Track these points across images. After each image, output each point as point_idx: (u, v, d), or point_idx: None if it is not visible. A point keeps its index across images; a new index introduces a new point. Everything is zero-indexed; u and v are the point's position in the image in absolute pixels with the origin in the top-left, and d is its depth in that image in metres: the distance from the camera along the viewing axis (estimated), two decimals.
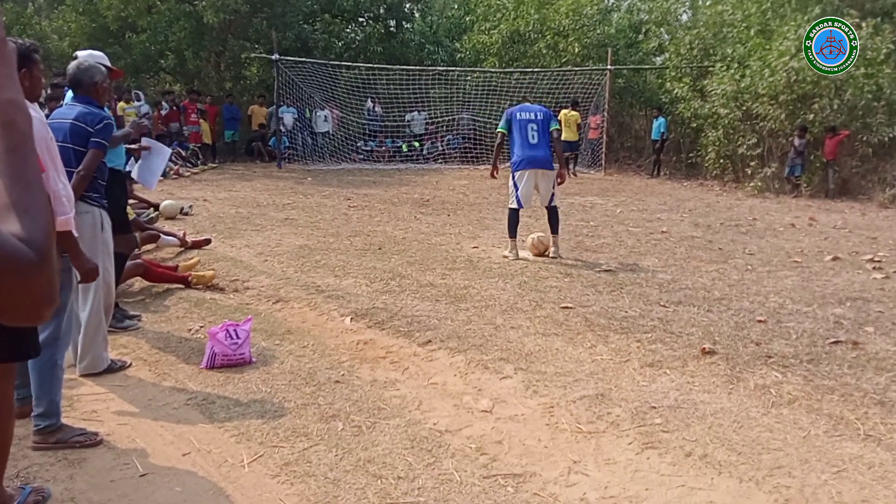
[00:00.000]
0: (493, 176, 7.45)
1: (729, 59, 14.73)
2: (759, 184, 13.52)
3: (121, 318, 4.74)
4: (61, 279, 3.14)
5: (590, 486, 2.83)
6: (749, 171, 14.10)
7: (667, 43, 17.98)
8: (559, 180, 6.83)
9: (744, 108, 14.15)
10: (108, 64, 4.27)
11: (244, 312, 5.05)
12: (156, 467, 2.96)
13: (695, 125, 15.89)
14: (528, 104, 7.08)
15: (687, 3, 20.27)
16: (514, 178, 6.78)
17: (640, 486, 2.83)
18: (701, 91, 15.50)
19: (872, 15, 13.69)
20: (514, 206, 6.81)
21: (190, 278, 5.78)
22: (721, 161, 15.05)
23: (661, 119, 16.11)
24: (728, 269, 6.59)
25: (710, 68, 15.39)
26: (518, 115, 6.80)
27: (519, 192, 6.75)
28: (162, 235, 6.85)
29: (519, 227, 7.03)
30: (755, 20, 14.85)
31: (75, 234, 3.13)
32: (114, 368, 4.00)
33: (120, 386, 3.83)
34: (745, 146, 14.16)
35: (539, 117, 6.77)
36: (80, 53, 4.28)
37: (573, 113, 15.84)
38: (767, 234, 8.53)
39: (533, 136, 6.66)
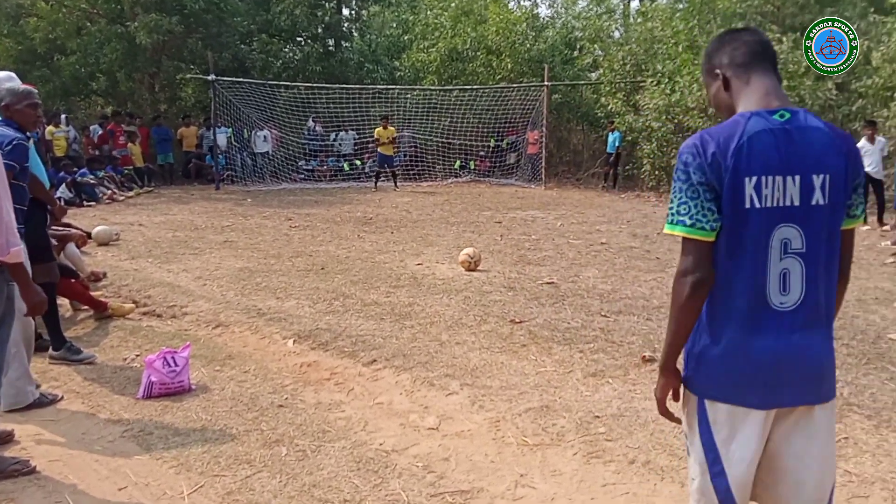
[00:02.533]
0: (664, 411, 1.90)
1: (660, 74, 15.20)
2: None
3: (76, 351, 4.57)
4: (3, 309, 3.03)
5: (537, 499, 2.85)
6: None
7: (601, 59, 18.44)
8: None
9: (675, 121, 14.61)
10: (18, 84, 4.09)
11: (182, 339, 4.91)
12: None
13: (630, 138, 16.32)
14: (781, 118, 1.71)
15: (619, 21, 20.90)
16: (703, 414, 1.78)
17: (585, 496, 2.86)
18: (634, 105, 15.94)
19: (793, 30, 14.35)
20: None
21: (109, 306, 5.59)
22: (656, 173, 15.47)
23: (617, 133, 16.40)
24: (666, 277, 6.75)
25: (643, 83, 15.85)
26: (748, 182, 1.66)
27: (725, 467, 1.75)
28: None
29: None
30: (683, 37, 15.38)
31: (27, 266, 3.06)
32: (43, 402, 3.84)
33: (51, 420, 3.67)
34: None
35: (820, 198, 1.69)
36: None
37: (390, 129, 16.25)
38: None
39: (791, 269, 1.70)
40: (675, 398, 1.89)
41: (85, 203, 12.75)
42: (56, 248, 5.96)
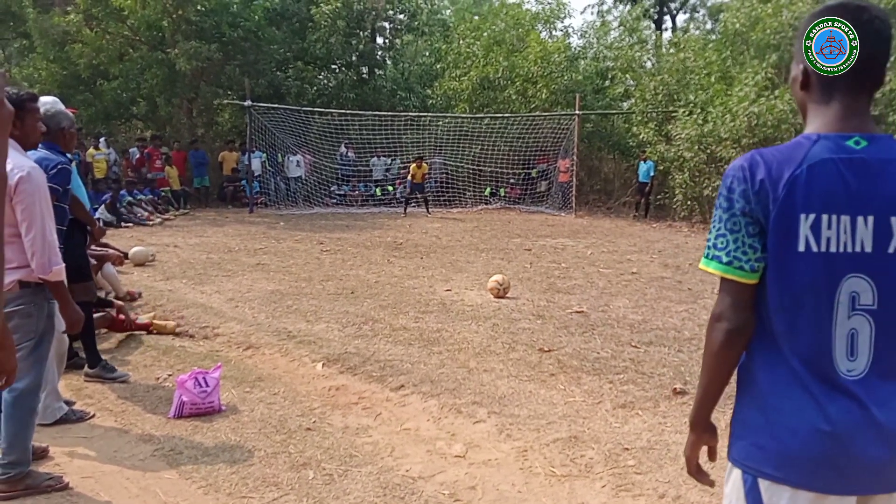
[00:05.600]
0: (694, 471, 1.70)
1: (692, 104, 15.15)
2: None
3: (111, 369, 4.66)
4: (44, 326, 3.11)
5: None
6: None
7: (633, 89, 18.46)
8: None
9: (708, 151, 14.53)
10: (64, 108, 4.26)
11: (214, 360, 4.97)
12: None
13: (662, 168, 16.25)
14: (857, 145, 1.43)
15: (651, 51, 20.92)
16: (755, 498, 1.48)
17: None
18: (666, 135, 15.90)
19: None
20: None
21: (151, 326, 5.72)
22: (688, 203, 15.37)
23: (650, 162, 16.29)
24: (697, 309, 6.67)
25: (675, 113, 15.81)
26: (804, 220, 1.40)
27: None
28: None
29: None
30: (716, 67, 15.34)
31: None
32: (70, 419, 3.90)
33: (84, 438, 3.73)
34: (710, 188, 14.49)
35: None
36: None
37: (425, 164, 16.49)
38: None
39: (859, 329, 1.42)
40: (712, 458, 1.65)
41: (123, 224, 13.04)
42: (94, 268, 6.09)
